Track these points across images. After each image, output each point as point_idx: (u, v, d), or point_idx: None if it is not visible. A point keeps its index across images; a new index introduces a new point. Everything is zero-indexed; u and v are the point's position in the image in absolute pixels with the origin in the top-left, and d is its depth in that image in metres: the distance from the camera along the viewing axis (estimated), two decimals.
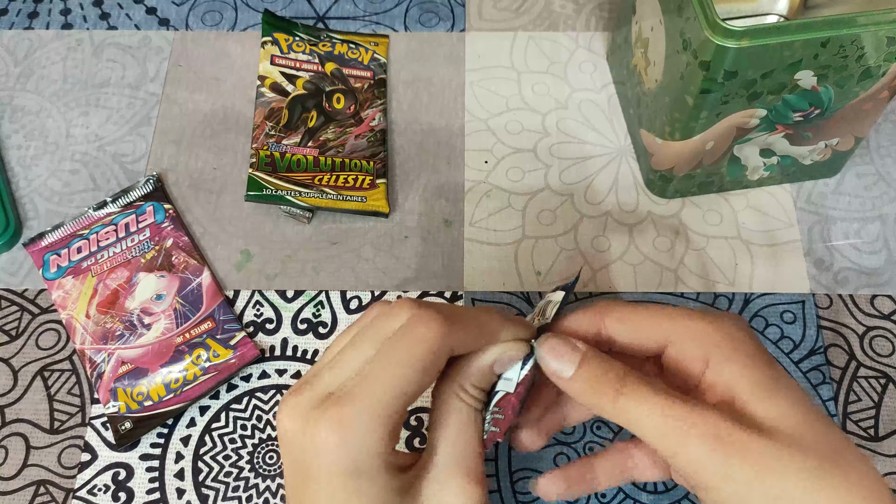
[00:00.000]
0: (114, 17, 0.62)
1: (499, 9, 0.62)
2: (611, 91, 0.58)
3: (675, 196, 0.54)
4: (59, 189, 0.55)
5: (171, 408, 0.46)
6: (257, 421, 0.47)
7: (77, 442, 0.47)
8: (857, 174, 0.55)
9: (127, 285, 0.50)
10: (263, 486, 0.46)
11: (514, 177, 0.55)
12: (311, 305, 0.51)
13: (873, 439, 0.47)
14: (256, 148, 0.54)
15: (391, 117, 0.58)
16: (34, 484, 0.46)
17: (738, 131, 0.47)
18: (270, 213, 0.54)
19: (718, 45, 0.40)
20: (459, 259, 0.52)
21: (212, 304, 0.50)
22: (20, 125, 0.57)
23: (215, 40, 0.61)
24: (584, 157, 0.56)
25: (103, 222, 0.52)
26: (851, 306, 0.50)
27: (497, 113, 0.57)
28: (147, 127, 0.57)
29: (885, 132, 0.57)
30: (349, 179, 0.53)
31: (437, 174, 0.55)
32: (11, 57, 0.60)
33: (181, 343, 0.48)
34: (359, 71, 0.58)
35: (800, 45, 0.40)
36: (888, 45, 0.42)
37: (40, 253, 0.52)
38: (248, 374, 0.49)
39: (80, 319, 0.49)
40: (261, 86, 0.57)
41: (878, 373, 0.48)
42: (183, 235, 0.52)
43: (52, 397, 0.48)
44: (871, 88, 0.45)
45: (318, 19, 0.62)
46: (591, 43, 0.60)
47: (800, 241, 0.52)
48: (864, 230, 0.53)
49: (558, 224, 0.53)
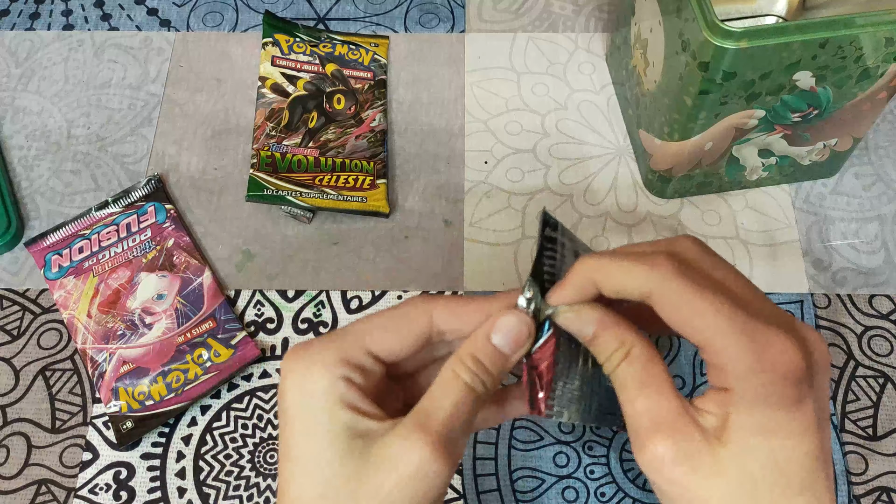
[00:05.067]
0: (115, 18, 0.62)
1: (498, 10, 0.62)
2: (610, 92, 0.58)
3: (674, 196, 0.54)
4: (60, 189, 0.55)
5: (173, 407, 0.47)
6: (258, 420, 0.47)
7: (78, 441, 0.47)
8: (856, 174, 0.55)
9: (128, 285, 0.50)
10: (264, 485, 0.46)
11: (513, 177, 0.55)
12: (312, 305, 0.51)
13: (872, 439, 0.47)
14: (257, 148, 0.54)
15: (391, 118, 0.58)
16: (36, 483, 0.46)
17: (737, 132, 0.48)
18: (271, 214, 0.54)
19: (717, 46, 0.40)
20: (459, 259, 0.52)
21: (213, 303, 0.50)
22: (22, 125, 0.57)
23: (216, 41, 0.61)
24: (583, 158, 0.56)
25: (105, 222, 0.52)
26: (850, 306, 0.51)
27: (497, 114, 0.58)
28: (148, 127, 0.57)
29: (884, 132, 0.57)
30: (350, 180, 0.53)
31: (437, 174, 0.55)
32: (13, 58, 0.60)
33: (182, 343, 0.48)
34: (359, 72, 0.58)
35: (798, 46, 0.41)
36: (886, 45, 0.42)
37: (42, 253, 0.52)
38: (249, 373, 0.49)
39: (81, 319, 0.49)
40: (261, 87, 0.57)
41: (877, 372, 0.49)
42: (184, 235, 0.52)
43: (53, 397, 0.48)
44: (870, 89, 0.45)
45: (319, 20, 0.62)
46: (591, 44, 0.61)
47: (798, 242, 0.53)
48: (862, 230, 0.53)
49: None
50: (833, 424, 0.47)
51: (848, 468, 0.46)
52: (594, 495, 0.45)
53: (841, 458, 0.46)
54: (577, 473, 0.46)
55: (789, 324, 0.30)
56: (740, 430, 0.28)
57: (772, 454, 0.28)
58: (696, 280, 0.29)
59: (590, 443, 0.47)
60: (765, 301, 0.30)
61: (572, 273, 0.31)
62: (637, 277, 0.30)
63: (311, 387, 0.31)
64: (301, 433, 0.31)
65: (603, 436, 0.47)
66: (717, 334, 0.28)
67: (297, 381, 0.31)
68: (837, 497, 0.45)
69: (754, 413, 0.28)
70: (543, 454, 0.46)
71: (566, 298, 0.31)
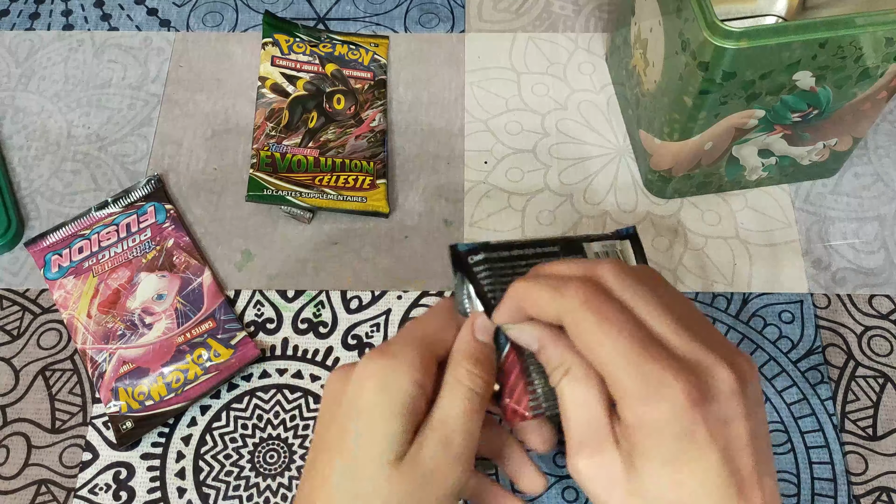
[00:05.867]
0: (115, 18, 0.62)
1: (498, 10, 0.62)
2: (610, 92, 0.58)
3: (674, 196, 0.54)
4: (60, 189, 0.55)
5: (172, 407, 0.47)
6: (258, 420, 0.47)
7: (78, 441, 0.47)
8: (856, 174, 0.55)
9: (128, 285, 0.50)
10: (264, 485, 0.46)
11: (513, 177, 0.55)
12: (312, 305, 0.51)
13: (871, 438, 0.47)
14: (257, 148, 0.54)
15: (391, 118, 0.58)
16: (35, 483, 0.46)
17: (737, 132, 0.48)
18: (271, 214, 0.54)
19: (717, 46, 0.40)
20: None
21: (213, 303, 0.50)
22: (22, 125, 0.57)
23: (216, 41, 0.61)
24: (583, 158, 0.56)
25: (104, 222, 0.52)
26: (850, 306, 0.51)
27: (497, 114, 0.58)
28: (148, 127, 0.57)
29: (883, 132, 0.57)
30: (349, 180, 0.53)
31: (437, 174, 0.55)
32: (13, 57, 0.60)
33: (182, 343, 0.48)
34: (359, 72, 0.58)
35: (798, 46, 0.41)
36: (886, 46, 0.42)
37: (42, 253, 0.52)
38: (249, 373, 0.49)
39: (81, 319, 0.49)
40: (261, 87, 0.57)
41: (877, 372, 0.49)
42: (184, 235, 0.52)
43: (53, 397, 0.48)
44: (870, 89, 0.45)
45: (319, 20, 0.62)
46: (591, 44, 0.61)
47: (798, 241, 0.53)
48: (862, 230, 0.53)
49: (557, 224, 0.53)
50: (833, 424, 0.47)
51: (848, 468, 0.46)
52: None
53: (841, 458, 0.46)
54: None
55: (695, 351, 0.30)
56: (646, 459, 0.29)
57: (677, 481, 0.29)
58: (602, 311, 0.30)
59: None
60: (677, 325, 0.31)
61: (505, 297, 0.34)
62: (548, 304, 0.31)
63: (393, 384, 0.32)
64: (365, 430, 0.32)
65: None
66: (613, 368, 0.29)
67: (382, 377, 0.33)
68: (837, 497, 0.45)
69: (652, 444, 0.29)
70: (544, 455, 0.46)
71: (503, 319, 0.34)
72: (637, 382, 0.29)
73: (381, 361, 0.33)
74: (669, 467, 0.29)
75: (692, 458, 0.29)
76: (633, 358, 0.29)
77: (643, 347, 0.29)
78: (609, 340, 0.29)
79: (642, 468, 0.29)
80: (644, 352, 0.29)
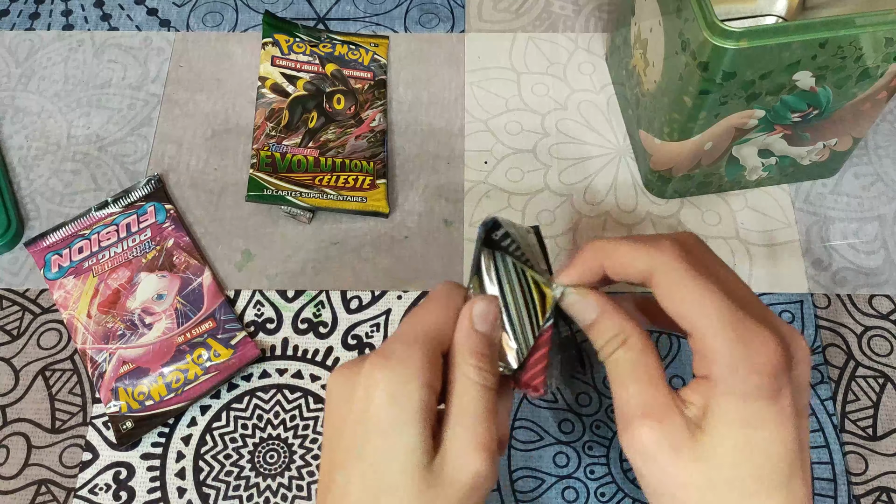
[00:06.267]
0: (115, 18, 0.62)
1: (498, 10, 0.62)
2: (610, 92, 0.58)
3: (674, 196, 0.54)
4: (60, 189, 0.55)
5: (172, 407, 0.47)
6: (258, 420, 0.47)
7: (78, 441, 0.47)
8: (856, 174, 0.55)
9: (128, 285, 0.50)
10: (264, 485, 0.46)
11: (513, 177, 0.55)
12: (312, 305, 0.51)
13: (872, 438, 0.47)
14: (257, 148, 0.54)
15: (391, 118, 0.58)
16: (35, 483, 0.46)
17: (737, 132, 0.48)
18: (271, 214, 0.54)
19: (717, 46, 0.40)
20: (459, 259, 0.52)
21: (213, 303, 0.50)
22: (22, 125, 0.58)
23: (216, 41, 0.61)
24: (583, 158, 0.56)
25: (104, 222, 0.52)
26: (850, 306, 0.51)
27: (497, 114, 0.58)
28: (148, 127, 0.57)
29: (883, 132, 0.57)
30: (349, 180, 0.53)
31: (437, 174, 0.55)
32: (13, 57, 0.60)
33: (182, 343, 0.48)
34: (359, 72, 0.58)
35: (798, 46, 0.41)
36: (886, 46, 0.42)
37: (42, 253, 0.52)
38: (249, 373, 0.49)
39: (81, 319, 0.49)
40: (261, 87, 0.57)
41: (877, 372, 0.49)
42: (184, 235, 0.52)
43: (53, 397, 0.48)
44: (870, 89, 0.45)
45: (319, 20, 0.62)
46: (591, 44, 0.61)
47: (798, 242, 0.53)
48: (862, 230, 0.53)
49: (557, 224, 0.53)
50: (833, 424, 0.47)
51: (848, 468, 0.46)
52: (594, 495, 0.45)
53: (841, 458, 0.46)
54: (578, 473, 0.46)
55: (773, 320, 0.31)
56: (721, 420, 0.29)
57: (750, 443, 0.29)
58: (695, 267, 0.31)
59: (590, 443, 0.47)
60: (752, 297, 0.32)
61: (580, 254, 0.33)
62: (641, 257, 0.31)
63: (403, 392, 0.31)
64: (382, 444, 0.31)
65: (603, 436, 0.47)
66: (706, 322, 0.30)
67: (390, 386, 0.31)
68: (837, 497, 0.45)
69: (734, 403, 0.29)
70: (543, 454, 0.46)
71: (574, 278, 0.33)
72: (733, 338, 0.29)
73: (387, 369, 0.32)
74: (747, 429, 0.29)
75: (771, 420, 0.29)
76: (729, 315, 0.29)
77: (736, 306, 0.30)
78: (708, 294, 0.30)
79: (713, 430, 0.29)
80: (737, 310, 0.29)
